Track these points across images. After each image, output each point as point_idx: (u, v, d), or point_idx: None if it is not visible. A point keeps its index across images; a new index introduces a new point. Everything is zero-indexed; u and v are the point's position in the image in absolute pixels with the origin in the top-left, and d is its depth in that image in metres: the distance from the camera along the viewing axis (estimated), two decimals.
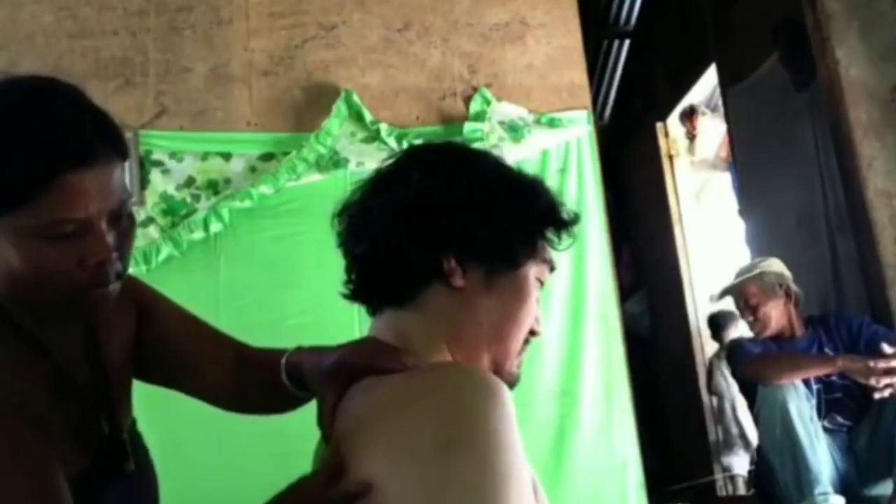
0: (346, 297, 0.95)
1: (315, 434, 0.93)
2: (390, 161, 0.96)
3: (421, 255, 0.88)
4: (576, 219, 0.94)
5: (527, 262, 0.91)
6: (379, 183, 0.94)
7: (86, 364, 0.95)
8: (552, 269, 0.95)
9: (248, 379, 1.04)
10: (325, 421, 0.84)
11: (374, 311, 0.94)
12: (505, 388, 0.75)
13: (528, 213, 0.92)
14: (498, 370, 0.89)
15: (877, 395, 2.51)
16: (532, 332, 0.93)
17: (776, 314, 2.85)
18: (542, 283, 0.94)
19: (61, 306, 0.87)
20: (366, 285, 0.93)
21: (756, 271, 2.90)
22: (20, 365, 0.88)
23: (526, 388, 0.78)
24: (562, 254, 0.96)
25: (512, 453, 0.70)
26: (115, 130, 0.87)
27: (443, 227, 0.88)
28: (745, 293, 2.89)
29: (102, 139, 0.84)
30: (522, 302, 0.91)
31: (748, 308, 2.87)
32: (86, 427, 0.91)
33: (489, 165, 0.95)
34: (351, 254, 0.94)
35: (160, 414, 1.00)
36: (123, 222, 0.88)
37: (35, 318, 0.90)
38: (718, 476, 4.38)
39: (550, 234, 0.93)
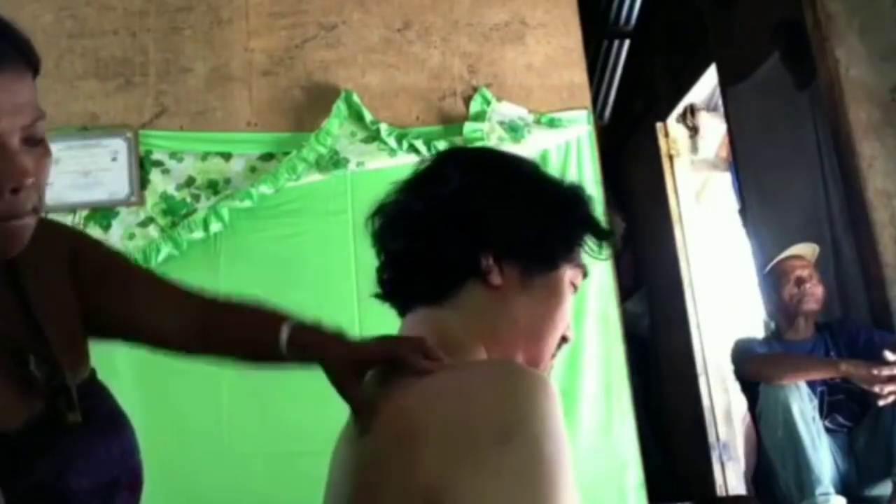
0: (378, 296, 0.95)
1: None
2: (426, 162, 0.96)
3: (459, 252, 0.88)
4: (613, 230, 0.96)
5: (563, 264, 0.92)
6: (417, 182, 0.94)
7: (14, 311, 0.87)
8: (585, 274, 0.95)
9: (220, 335, 0.98)
10: (360, 408, 0.83)
11: (405, 309, 0.94)
12: (552, 382, 0.77)
13: (567, 216, 0.93)
14: None
15: (881, 403, 2.52)
16: (564, 339, 0.94)
17: (820, 292, 2.86)
18: (575, 288, 0.94)
19: None
20: (402, 282, 0.93)
21: (807, 246, 2.92)
22: None
23: None
24: None
25: (562, 442, 0.72)
26: (24, 37, 0.81)
27: (482, 225, 0.89)
28: (795, 265, 2.89)
29: (10, 44, 0.78)
30: (558, 303, 0.92)
31: (795, 280, 2.86)
32: (22, 377, 0.83)
33: (530, 168, 0.96)
34: (387, 251, 0.94)
35: (160, 412, 0.99)
36: (38, 147, 0.79)
37: None
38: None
39: (588, 240, 0.94)
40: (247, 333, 0.96)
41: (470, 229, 0.88)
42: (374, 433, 0.80)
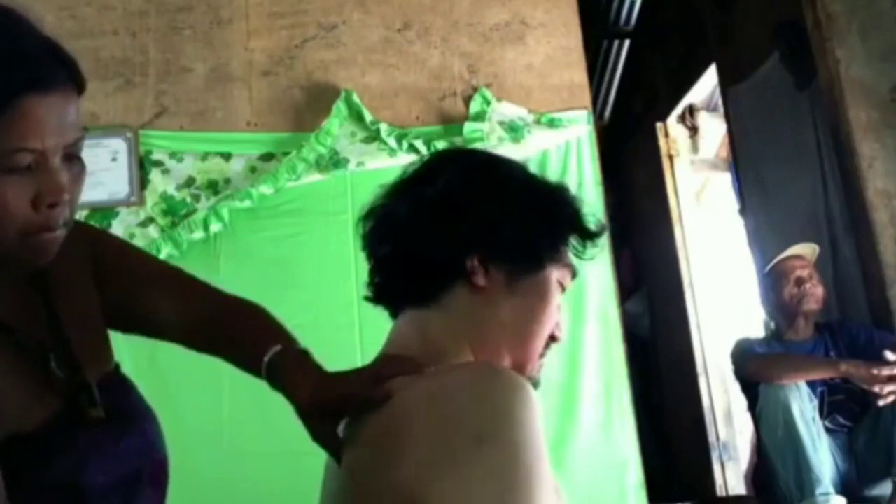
0: (368, 299, 0.96)
1: None
2: (413, 165, 0.96)
3: (444, 254, 0.88)
4: (601, 230, 0.95)
5: (549, 264, 0.91)
6: (404, 184, 0.94)
7: (38, 312, 0.90)
8: (574, 274, 0.95)
9: (220, 338, 0.98)
10: (335, 455, 0.83)
11: (396, 312, 0.94)
12: (531, 387, 0.76)
13: (552, 217, 0.92)
14: (519, 372, 0.88)
15: (880, 402, 2.52)
16: (553, 338, 0.94)
17: (820, 292, 2.86)
18: (563, 288, 0.94)
19: (7, 251, 0.81)
20: (389, 286, 0.93)
21: (806, 246, 2.92)
22: None
23: None
24: None
25: (539, 449, 0.72)
26: (73, 59, 0.83)
27: (467, 227, 0.88)
28: (794, 265, 2.89)
29: (62, 65, 0.81)
30: (544, 304, 0.91)
31: (795, 280, 2.86)
32: (43, 376, 0.86)
33: (515, 169, 0.96)
34: (375, 255, 0.94)
35: (161, 412, 0.99)
36: (76, 165, 0.83)
37: None
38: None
39: (574, 241, 0.94)
40: (238, 345, 0.96)
41: (454, 231, 0.88)
42: (360, 439, 0.81)
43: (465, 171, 0.93)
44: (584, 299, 2.91)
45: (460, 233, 0.88)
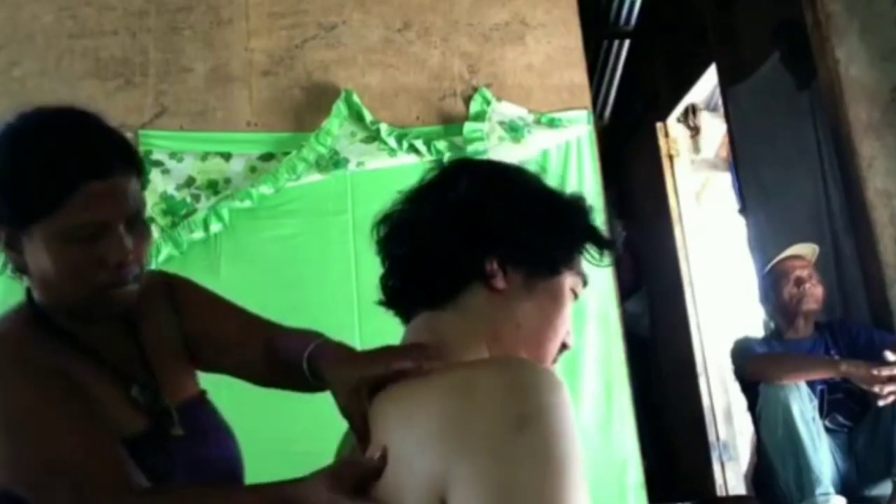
0: (382, 302, 0.97)
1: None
2: (433, 172, 0.98)
3: (464, 255, 0.90)
4: (613, 240, 0.99)
5: (564, 269, 0.94)
6: (423, 190, 0.96)
7: (132, 354, 1.06)
8: (585, 282, 0.98)
9: (277, 362, 1.07)
10: (360, 432, 0.83)
11: (409, 315, 0.95)
12: (560, 377, 0.77)
13: (569, 223, 0.95)
14: None
15: (881, 403, 2.52)
16: (564, 346, 0.96)
17: (820, 292, 2.86)
18: (576, 295, 0.96)
19: (85, 305, 0.99)
20: (406, 287, 0.94)
21: (806, 246, 2.92)
22: (63, 359, 0.99)
23: None
24: None
25: (575, 438, 0.72)
26: (130, 148, 1.03)
27: (487, 230, 0.90)
28: (794, 265, 2.89)
29: (118, 155, 0.99)
30: (559, 308, 0.94)
31: (795, 280, 2.86)
32: (134, 402, 1.01)
33: (532, 177, 0.99)
34: (392, 256, 0.95)
35: None
36: (139, 228, 1.00)
37: (81, 322, 1.02)
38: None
39: (589, 248, 0.97)
40: (286, 356, 1.02)
41: (475, 233, 0.90)
42: (387, 431, 0.80)
43: (485, 178, 0.96)
44: (585, 299, 2.89)
45: (480, 235, 0.90)
